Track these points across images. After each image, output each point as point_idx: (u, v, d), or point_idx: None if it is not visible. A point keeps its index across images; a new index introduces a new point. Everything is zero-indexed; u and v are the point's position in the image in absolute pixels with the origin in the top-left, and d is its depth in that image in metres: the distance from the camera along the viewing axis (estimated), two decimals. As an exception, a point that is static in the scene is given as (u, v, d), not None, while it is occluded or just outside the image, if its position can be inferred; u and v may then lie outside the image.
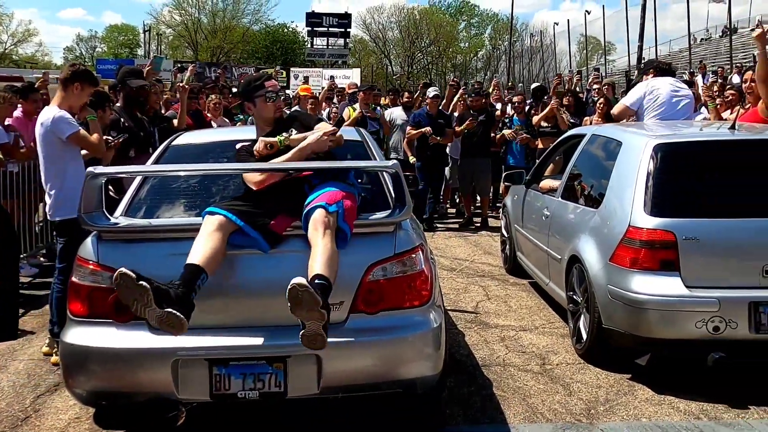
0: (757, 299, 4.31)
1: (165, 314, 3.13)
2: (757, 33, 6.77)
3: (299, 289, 3.06)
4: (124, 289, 3.14)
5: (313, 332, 3.11)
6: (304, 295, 3.06)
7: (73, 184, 4.88)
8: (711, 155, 4.86)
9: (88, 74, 5.28)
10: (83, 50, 72.79)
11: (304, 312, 3.09)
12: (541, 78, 45.54)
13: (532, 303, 6.60)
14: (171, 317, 3.14)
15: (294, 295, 3.07)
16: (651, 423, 4.05)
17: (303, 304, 3.07)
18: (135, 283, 3.13)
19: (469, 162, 10.87)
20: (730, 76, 19.24)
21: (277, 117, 4.06)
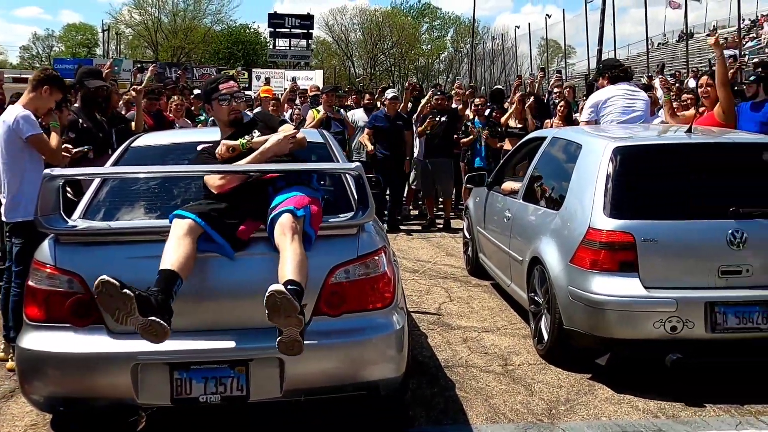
0: (713, 299, 4.40)
1: (148, 323, 3.08)
2: (712, 40, 6.93)
3: (277, 296, 3.04)
4: (106, 297, 3.07)
5: (291, 338, 3.10)
6: (283, 301, 3.04)
7: (31, 185, 4.78)
8: (668, 158, 4.95)
9: (59, 80, 5.26)
10: (40, 49, 71.51)
11: (282, 319, 3.07)
12: (503, 81, 45.97)
13: (494, 304, 6.65)
14: (155, 325, 3.09)
15: (272, 303, 3.04)
16: (611, 422, 4.10)
17: (281, 311, 3.05)
18: (119, 292, 3.06)
19: (432, 163, 10.92)
20: (686, 80, 19.62)
21: (232, 119, 4.00)
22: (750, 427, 4.00)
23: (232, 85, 4.04)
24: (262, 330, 3.38)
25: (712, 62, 25.56)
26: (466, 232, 8.07)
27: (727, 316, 4.39)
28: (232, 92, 4.00)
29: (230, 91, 4.00)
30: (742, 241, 4.46)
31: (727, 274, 4.47)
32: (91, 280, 3.33)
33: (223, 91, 3.98)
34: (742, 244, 4.46)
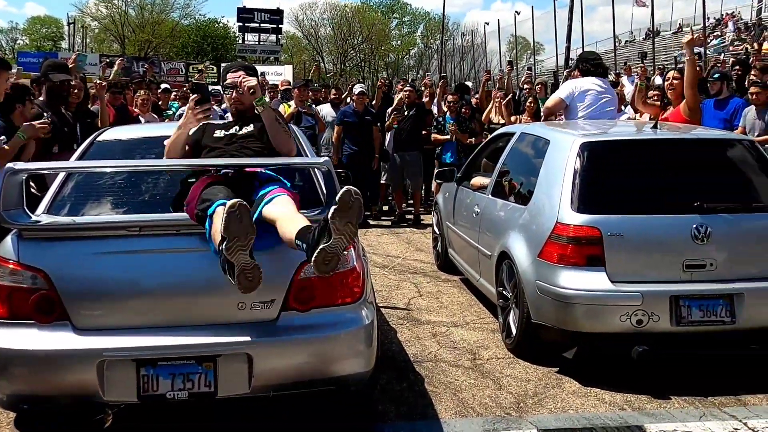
0: (677, 293, 4.46)
1: (252, 265, 3.04)
2: (687, 39, 7.00)
3: (354, 195, 2.99)
4: (235, 220, 2.97)
5: (335, 250, 3.00)
6: (356, 202, 3.00)
7: None
8: (635, 153, 5.01)
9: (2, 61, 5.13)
10: (3, 42, 70.22)
11: (344, 221, 2.97)
12: (472, 77, 46.14)
13: (463, 299, 6.68)
14: (255, 271, 3.05)
15: (347, 199, 2.97)
16: (578, 415, 4.14)
17: (352, 210, 2.99)
18: (250, 220, 3.00)
19: (400, 156, 10.94)
20: (652, 78, 19.84)
21: (233, 110, 4.05)
22: (714, 418, 4.07)
23: (238, 75, 4.02)
24: (230, 326, 3.38)
25: (678, 59, 25.93)
26: (436, 227, 8.09)
27: (692, 310, 4.45)
28: (236, 83, 3.99)
29: (234, 81, 3.99)
30: (706, 235, 4.52)
31: (692, 268, 4.54)
32: (55, 276, 3.30)
33: (228, 81, 4.00)
34: (706, 239, 4.52)
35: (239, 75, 4.00)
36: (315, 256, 2.99)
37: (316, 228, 3.06)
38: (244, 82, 3.86)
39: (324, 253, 2.99)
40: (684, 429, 3.93)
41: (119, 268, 3.36)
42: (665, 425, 3.98)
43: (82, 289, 3.33)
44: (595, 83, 6.91)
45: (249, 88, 3.84)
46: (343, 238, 3.01)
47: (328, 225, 2.99)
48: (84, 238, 3.42)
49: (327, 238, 3.00)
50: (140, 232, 3.41)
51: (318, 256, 2.99)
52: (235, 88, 3.99)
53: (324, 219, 3.02)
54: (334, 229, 2.98)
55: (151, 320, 3.37)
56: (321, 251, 2.98)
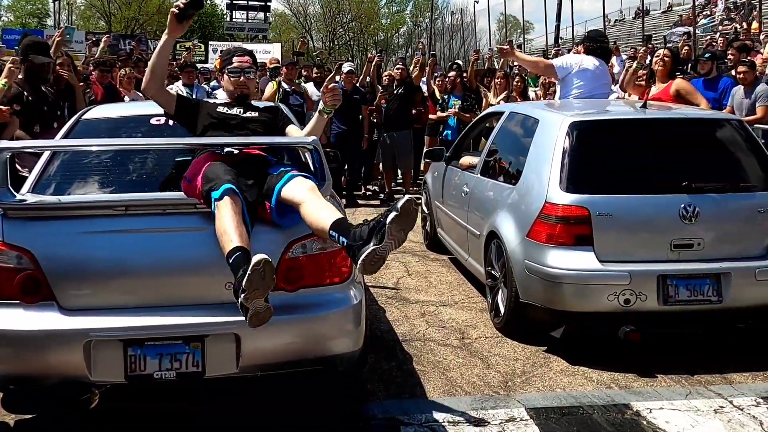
0: (665, 272, 4.48)
1: (266, 309, 3.06)
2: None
3: (414, 204, 3.08)
4: (259, 277, 2.97)
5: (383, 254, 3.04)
6: (414, 212, 3.07)
7: None
8: (624, 133, 5.01)
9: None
10: (-13, 18, 69.28)
11: (400, 228, 3.04)
12: (462, 56, 45.97)
13: (451, 278, 6.69)
14: (267, 312, 3.08)
15: (408, 207, 3.04)
16: (565, 393, 4.17)
17: (409, 220, 3.06)
18: (272, 276, 3.01)
19: (390, 136, 10.90)
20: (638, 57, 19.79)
21: (239, 94, 4.00)
22: (699, 396, 4.10)
23: (245, 60, 4.01)
24: (218, 305, 3.36)
25: (668, 39, 25.92)
26: (425, 206, 8.07)
27: (679, 289, 4.48)
28: (243, 67, 3.98)
29: (242, 65, 3.98)
30: (694, 215, 4.54)
31: (679, 248, 4.56)
32: (41, 255, 3.27)
33: (234, 64, 3.97)
34: (693, 218, 4.54)
35: (247, 60, 4.01)
36: (365, 256, 3.01)
37: (367, 228, 3.07)
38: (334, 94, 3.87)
39: (374, 255, 3.02)
40: (670, 407, 3.96)
41: (105, 247, 3.33)
42: (652, 403, 4.01)
43: (68, 269, 3.30)
44: (595, 64, 6.85)
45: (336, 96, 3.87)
46: (394, 243, 3.04)
47: (384, 229, 3.02)
48: (70, 218, 3.39)
49: (379, 240, 3.02)
50: (126, 212, 3.38)
51: (367, 257, 3.01)
52: (243, 72, 3.98)
53: (380, 221, 3.05)
54: (389, 234, 3.02)
55: (138, 300, 3.35)
56: (371, 252, 3.01)
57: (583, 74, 6.72)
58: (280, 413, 3.86)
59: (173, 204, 3.46)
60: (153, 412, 3.83)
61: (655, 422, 3.78)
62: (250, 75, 4.05)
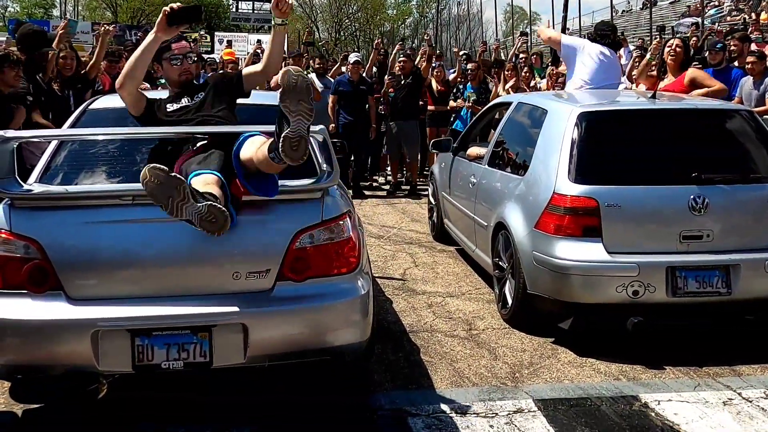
0: (674, 264, 4.45)
1: (206, 208, 2.97)
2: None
3: (293, 72, 2.96)
4: (155, 186, 2.92)
5: (298, 133, 2.98)
6: (299, 80, 2.97)
7: None
8: (633, 124, 4.97)
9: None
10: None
11: (294, 102, 2.96)
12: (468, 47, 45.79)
13: (458, 270, 6.67)
14: (214, 211, 2.98)
15: (287, 79, 2.95)
16: (573, 384, 4.15)
17: (296, 91, 2.96)
18: (168, 176, 2.92)
19: (397, 126, 10.88)
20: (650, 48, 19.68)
21: (183, 81, 3.91)
22: (708, 388, 4.08)
23: (184, 45, 3.93)
24: (226, 295, 3.36)
25: (676, 30, 25.77)
26: (431, 197, 8.05)
27: (688, 281, 4.45)
28: (185, 52, 3.90)
29: (182, 51, 3.89)
30: (703, 206, 4.51)
31: (689, 239, 4.53)
32: (48, 245, 3.26)
33: (175, 50, 3.88)
34: (703, 210, 4.50)
35: (185, 45, 3.93)
36: (281, 146, 2.98)
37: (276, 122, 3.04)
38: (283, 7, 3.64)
39: (289, 140, 2.98)
40: (679, 399, 3.94)
41: (113, 237, 3.32)
42: (660, 395, 3.99)
43: (76, 259, 3.29)
44: (601, 51, 6.78)
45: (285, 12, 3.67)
46: (301, 118, 2.99)
47: (282, 111, 2.99)
48: (77, 208, 3.37)
49: (286, 124, 2.99)
50: (134, 202, 3.37)
51: (284, 144, 2.98)
52: (185, 57, 3.88)
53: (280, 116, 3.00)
54: (288, 111, 2.97)
55: (146, 290, 3.34)
56: (284, 139, 2.97)
57: (588, 59, 6.66)
58: (286, 403, 3.85)
59: (181, 194, 3.44)
60: (159, 402, 3.83)
61: (663, 414, 3.77)
62: (190, 59, 3.93)
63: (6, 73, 5.34)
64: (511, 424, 3.65)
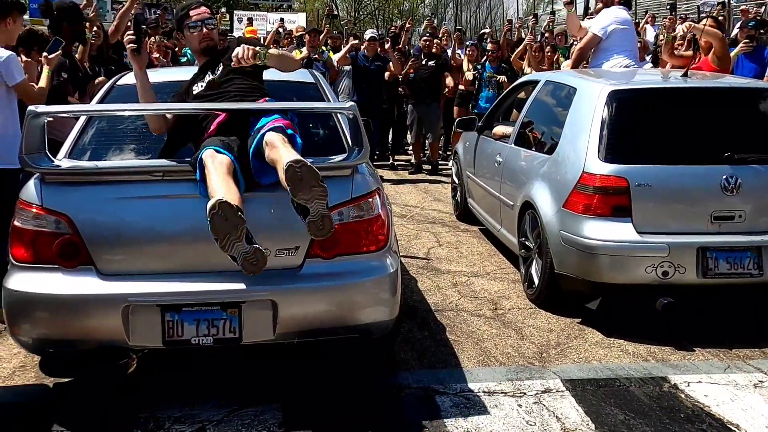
0: (705, 245, 4.40)
1: (253, 250, 3.03)
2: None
3: (296, 166, 2.97)
4: (220, 220, 2.96)
5: (319, 214, 3.02)
6: (303, 170, 2.98)
7: (11, 131, 4.65)
8: (664, 103, 4.89)
9: (19, 5, 4.99)
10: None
11: (306, 191, 2.99)
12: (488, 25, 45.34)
13: (482, 249, 6.63)
14: (258, 254, 3.04)
15: (292, 175, 2.96)
16: (601, 365, 4.12)
17: (304, 181, 2.98)
18: (235, 215, 2.97)
19: (417, 106, 10.83)
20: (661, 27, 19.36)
21: (204, 47, 3.89)
22: (738, 370, 4.04)
23: (203, 11, 3.89)
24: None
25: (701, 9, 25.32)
26: (455, 177, 8.00)
27: (719, 262, 4.39)
28: (203, 18, 3.87)
29: (201, 17, 3.86)
30: (735, 186, 4.44)
31: (720, 220, 4.47)
32: (79, 220, 3.27)
33: (193, 17, 3.85)
34: (735, 190, 4.44)
35: (204, 11, 3.90)
36: (308, 229, 3.06)
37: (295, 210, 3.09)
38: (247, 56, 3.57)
39: (313, 225, 3.05)
40: (709, 381, 3.90)
41: (143, 213, 3.33)
42: (690, 377, 3.95)
43: (106, 234, 3.30)
44: (627, 16, 6.62)
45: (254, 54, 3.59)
46: (318, 201, 3.02)
47: (298, 204, 3.05)
48: (107, 183, 3.38)
49: (305, 212, 3.04)
50: (164, 177, 3.36)
51: (310, 228, 3.06)
52: (204, 24, 3.86)
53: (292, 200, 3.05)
54: (305, 202, 3.02)
55: (176, 266, 3.35)
56: (310, 224, 3.04)
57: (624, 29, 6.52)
58: (312, 380, 3.85)
59: (210, 170, 3.43)
60: (185, 378, 3.85)
61: (693, 395, 3.73)
62: (210, 25, 3.90)
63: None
64: (539, 403, 3.63)
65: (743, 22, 8.14)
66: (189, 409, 3.53)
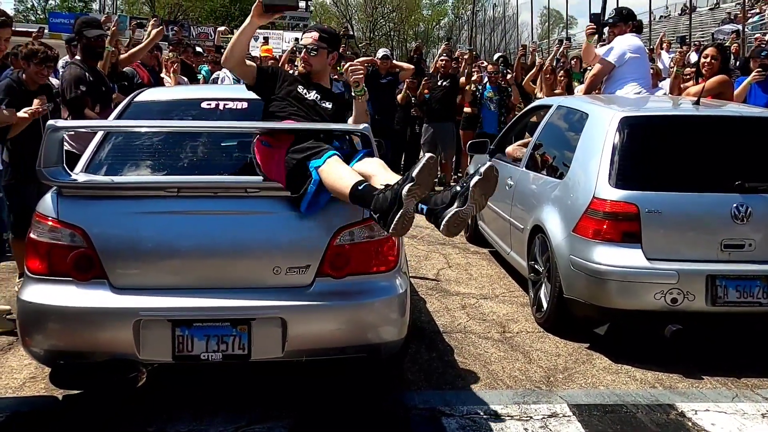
0: (714, 272, 4.39)
1: (411, 217, 3.07)
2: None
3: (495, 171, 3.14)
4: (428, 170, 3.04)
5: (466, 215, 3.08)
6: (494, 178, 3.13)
7: None
8: (675, 130, 4.91)
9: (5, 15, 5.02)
10: (35, 1, 70.34)
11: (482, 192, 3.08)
12: (503, 49, 45.55)
13: (492, 272, 6.65)
14: (411, 221, 3.08)
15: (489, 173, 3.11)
16: (608, 391, 4.12)
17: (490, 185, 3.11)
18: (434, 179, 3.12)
19: (433, 127, 10.90)
20: (688, 54, 19.44)
21: (299, 72, 4.07)
22: (747, 399, 4.02)
23: (310, 37, 4.03)
24: (266, 289, 3.38)
25: (715, 36, 25.37)
26: (466, 199, 8.00)
27: (728, 290, 4.39)
28: (306, 44, 4.02)
29: (305, 42, 4.02)
30: (746, 215, 4.44)
31: (730, 248, 4.47)
32: (94, 234, 3.32)
33: (302, 40, 4.04)
34: (746, 218, 4.44)
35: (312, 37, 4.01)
36: (448, 218, 3.05)
37: (449, 192, 3.12)
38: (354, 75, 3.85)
39: (456, 217, 3.05)
40: (716, 409, 3.89)
41: (157, 228, 3.37)
42: (697, 405, 3.94)
43: (120, 248, 3.35)
44: (640, 44, 6.65)
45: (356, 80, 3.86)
46: (475, 207, 3.07)
47: (467, 192, 3.05)
48: (122, 198, 3.43)
49: (461, 203, 3.06)
50: (178, 194, 3.41)
51: (451, 218, 3.05)
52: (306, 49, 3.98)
53: (464, 185, 3.07)
54: (471, 197, 3.04)
55: (188, 281, 3.38)
56: (455, 215, 3.05)
57: (637, 58, 6.56)
58: (321, 398, 3.87)
59: (225, 187, 3.49)
60: (196, 392, 3.88)
61: (700, 424, 3.72)
62: (313, 53, 3.99)
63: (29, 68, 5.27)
64: (545, 428, 3.63)
65: (755, 52, 8.14)
66: (197, 424, 3.55)
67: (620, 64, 6.66)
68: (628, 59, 6.64)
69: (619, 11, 7.22)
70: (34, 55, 5.20)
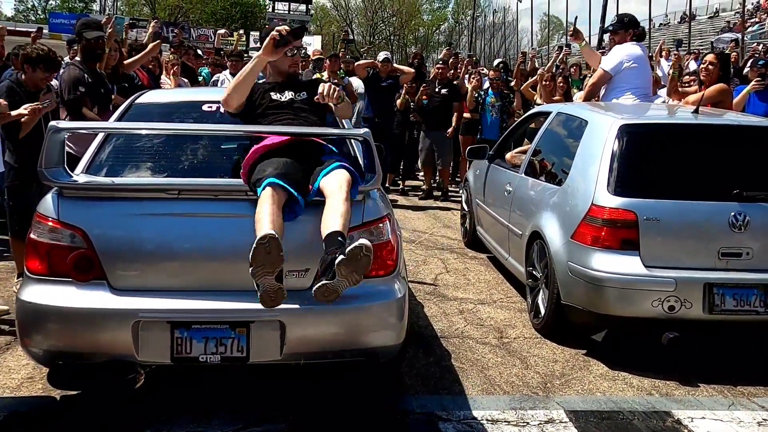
0: (712, 281, 4.41)
1: (276, 288, 3.12)
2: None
3: (365, 251, 3.07)
4: (264, 253, 3.04)
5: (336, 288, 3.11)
6: (364, 258, 3.08)
7: None
8: (674, 138, 4.93)
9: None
10: (35, 1, 70.38)
11: (350, 270, 3.07)
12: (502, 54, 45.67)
13: (490, 277, 6.66)
14: (279, 293, 3.13)
15: (356, 255, 3.06)
16: (605, 397, 4.13)
17: (360, 265, 3.08)
18: (278, 254, 3.06)
19: (429, 133, 10.92)
20: (687, 62, 19.49)
21: (291, 72, 4.10)
22: (743, 407, 4.03)
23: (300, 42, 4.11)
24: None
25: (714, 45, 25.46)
26: (465, 204, 8.05)
27: (725, 298, 4.40)
28: (297, 46, 4.06)
29: (297, 44, 4.04)
30: (743, 223, 4.46)
31: (727, 256, 4.49)
32: (94, 235, 3.32)
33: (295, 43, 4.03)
34: (743, 227, 4.46)
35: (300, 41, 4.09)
36: (316, 288, 3.13)
37: (323, 262, 3.15)
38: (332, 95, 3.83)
39: (325, 288, 3.11)
40: (712, 417, 3.90)
41: (157, 230, 3.38)
42: (693, 412, 3.95)
43: (120, 250, 3.35)
44: (640, 52, 6.67)
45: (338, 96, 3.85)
46: (346, 281, 3.10)
47: (333, 268, 3.09)
48: (123, 199, 3.44)
49: (331, 277, 3.10)
50: (179, 196, 3.42)
51: (318, 289, 3.13)
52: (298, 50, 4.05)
53: (330, 262, 3.10)
54: (339, 273, 3.08)
55: (187, 283, 3.39)
56: (322, 286, 3.11)
57: (636, 66, 6.57)
58: (319, 402, 3.88)
59: (225, 190, 3.50)
60: (195, 394, 3.88)
61: (696, 431, 3.73)
62: (301, 54, 4.08)
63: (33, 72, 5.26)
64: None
65: (753, 61, 8.18)
66: (195, 426, 3.56)
67: (616, 73, 6.68)
68: (624, 69, 6.65)
69: (621, 18, 7.20)
70: (41, 61, 5.21)
